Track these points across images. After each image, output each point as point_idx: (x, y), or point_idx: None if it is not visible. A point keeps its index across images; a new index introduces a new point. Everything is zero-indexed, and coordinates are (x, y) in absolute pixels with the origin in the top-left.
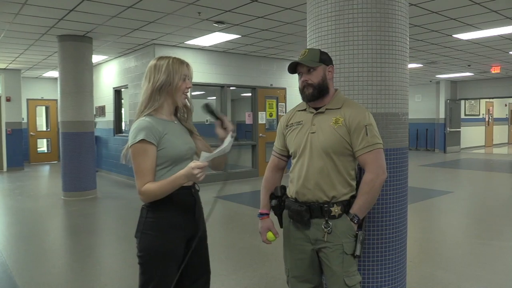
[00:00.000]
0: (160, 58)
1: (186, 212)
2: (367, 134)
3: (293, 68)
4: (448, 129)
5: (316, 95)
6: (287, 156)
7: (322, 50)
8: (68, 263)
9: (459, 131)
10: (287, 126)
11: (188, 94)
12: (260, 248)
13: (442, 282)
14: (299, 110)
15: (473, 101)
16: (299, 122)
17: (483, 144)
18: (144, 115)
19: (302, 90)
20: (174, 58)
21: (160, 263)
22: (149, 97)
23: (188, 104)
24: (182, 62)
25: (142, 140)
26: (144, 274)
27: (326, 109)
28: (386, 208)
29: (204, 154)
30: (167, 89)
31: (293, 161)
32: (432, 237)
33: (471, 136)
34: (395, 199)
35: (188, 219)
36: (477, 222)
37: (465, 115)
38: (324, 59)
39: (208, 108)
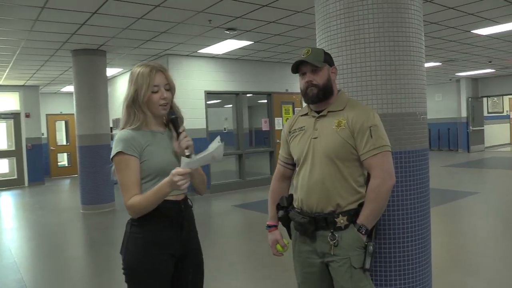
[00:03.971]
0: (138, 65)
1: (173, 228)
2: (371, 136)
3: (297, 67)
4: (470, 127)
5: (321, 96)
6: (292, 164)
7: (327, 50)
8: (84, 278)
9: (483, 129)
10: (290, 132)
11: (175, 102)
12: (278, 258)
13: None
14: (301, 115)
15: (495, 98)
16: (301, 127)
17: (509, 141)
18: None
19: (305, 92)
20: (146, 67)
21: (145, 281)
22: (127, 111)
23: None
24: (151, 71)
25: (120, 153)
26: None
27: (329, 111)
28: (407, 213)
29: (184, 160)
30: (138, 103)
31: (297, 169)
32: (459, 241)
33: (495, 134)
34: (417, 203)
35: (175, 236)
36: (506, 224)
37: (488, 112)
38: (328, 59)
39: (171, 117)
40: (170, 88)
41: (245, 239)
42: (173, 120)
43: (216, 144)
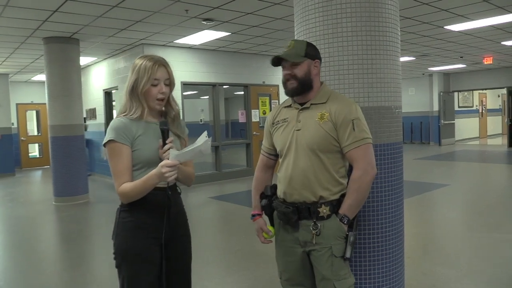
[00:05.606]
0: (141, 57)
1: (158, 214)
2: (354, 129)
3: (277, 61)
4: (442, 121)
5: (299, 89)
6: (275, 155)
7: (310, 42)
8: (58, 272)
9: (453, 123)
10: (273, 124)
11: (173, 96)
12: (256, 249)
13: (442, 278)
14: (285, 107)
15: (466, 93)
16: (284, 119)
17: (478, 135)
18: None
19: (285, 84)
20: (150, 59)
21: (130, 264)
22: (127, 99)
23: (175, 107)
24: (154, 65)
25: (112, 141)
26: (119, 276)
27: (311, 104)
28: (382, 204)
29: (173, 152)
30: (136, 92)
31: (280, 160)
32: (430, 231)
33: (466, 128)
34: (391, 195)
35: (160, 222)
36: (475, 214)
37: (459, 107)
38: (310, 53)
39: (162, 128)
40: (170, 83)
41: (221, 230)
42: (163, 131)
43: (203, 139)
